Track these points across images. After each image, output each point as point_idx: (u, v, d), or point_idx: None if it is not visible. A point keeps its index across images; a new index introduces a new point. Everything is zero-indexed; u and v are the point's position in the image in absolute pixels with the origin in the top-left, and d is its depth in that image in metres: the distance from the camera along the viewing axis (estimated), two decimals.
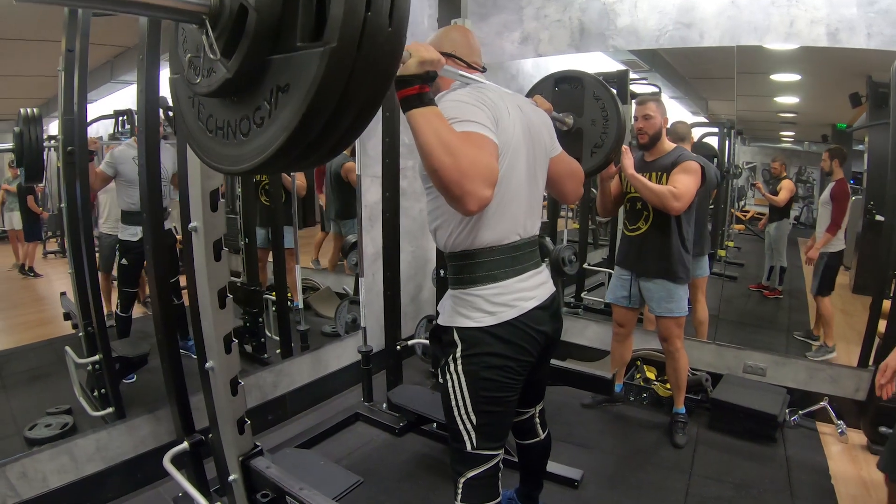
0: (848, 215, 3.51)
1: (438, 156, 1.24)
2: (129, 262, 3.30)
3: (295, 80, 0.79)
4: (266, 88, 0.84)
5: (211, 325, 1.70)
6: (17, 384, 3.07)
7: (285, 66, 0.81)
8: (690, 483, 2.63)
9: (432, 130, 1.24)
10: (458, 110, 1.40)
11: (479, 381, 1.55)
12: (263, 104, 0.85)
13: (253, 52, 0.81)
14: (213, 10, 0.82)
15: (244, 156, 0.90)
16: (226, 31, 0.83)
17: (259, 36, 0.80)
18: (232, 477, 1.86)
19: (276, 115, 0.83)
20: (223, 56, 0.84)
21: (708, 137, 4.15)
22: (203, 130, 1.00)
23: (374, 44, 0.78)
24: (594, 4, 3.66)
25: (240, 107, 0.90)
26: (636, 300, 3.07)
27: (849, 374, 3.17)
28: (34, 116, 2.71)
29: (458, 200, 1.27)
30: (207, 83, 0.89)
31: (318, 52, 0.76)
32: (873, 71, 3.20)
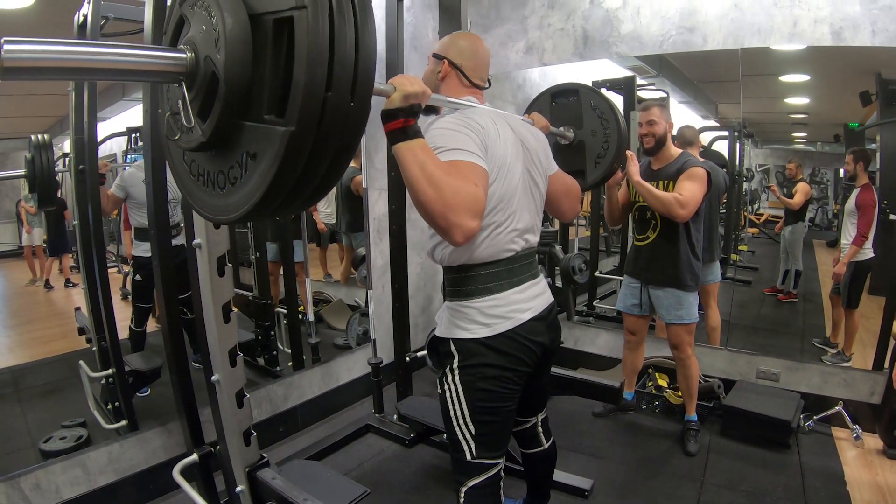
0: (875, 224, 3.37)
1: (423, 189, 1.25)
2: (142, 277, 3.34)
3: (262, 151, 0.84)
4: (238, 151, 0.89)
5: (216, 340, 1.73)
6: (32, 398, 3.09)
7: (254, 135, 0.85)
8: (702, 492, 2.59)
9: (417, 164, 1.26)
10: (445, 138, 1.42)
11: (475, 391, 1.57)
12: (236, 165, 0.90)
13: (224, 118, 0.86)
14: (190, 70, 0.87)
15: (220, 208, 0.96)
16: (201, 93, 0.87)
17: (229, 104, 0.84)
18: (239, 488, 1.89)
19: (246, 179, 0.88)
20: (199, 118, 0.88)
21: (718, 141, 4.12)
22: (187, 172, 1.04)
23: (334, 121, 0.82)
24: (597, 12, 3.67)
25: (217, 161, 0.94)
26: (646, 308, 3.05)
27: (863, 377, 3.11)
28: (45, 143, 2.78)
29: (444, 232, 1.29)
30: (187, 140, 0.93)
31: (279, 131, 0.80)
32: (882, 68, 3.16)
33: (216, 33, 0.84)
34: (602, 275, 4.60)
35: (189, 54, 0.88)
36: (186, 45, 0.90)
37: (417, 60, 3.74)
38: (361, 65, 0.83)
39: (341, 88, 0.81)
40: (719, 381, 3.31)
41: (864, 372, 3.13)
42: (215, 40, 0.85)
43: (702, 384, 3.17)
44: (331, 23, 0.80)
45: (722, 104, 4.20)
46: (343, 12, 0.81)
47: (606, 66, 3.87)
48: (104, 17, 2.42)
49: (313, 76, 0.78)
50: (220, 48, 0.83)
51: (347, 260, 4.55)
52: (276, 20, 0.82)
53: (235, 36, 0.83)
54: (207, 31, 0.87)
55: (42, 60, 0.76)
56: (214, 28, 0.85)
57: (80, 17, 2.45)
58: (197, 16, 0.90)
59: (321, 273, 4.68)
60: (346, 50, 0.81)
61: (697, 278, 2.89)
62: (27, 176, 2.87)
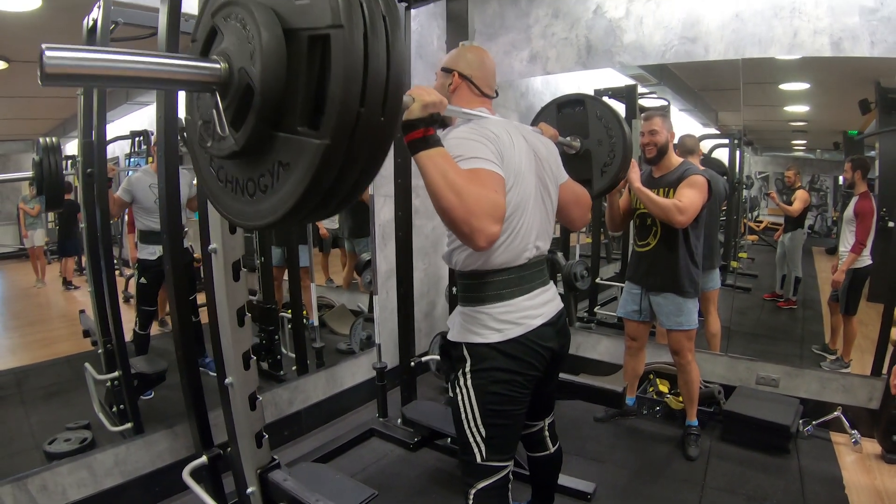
0: (874, 232, 3.43)
1: (445, 196, 1.29)
2: (147, 280, 3.36)
3: (295, 161, 0.87)
4: (270, 160, 0.91)
5: (230, 343, 1.76)
6: (35, 400, 3.11)
7: (287, 146, 0.88)
8: (703, 495, 2.62)
9: (439, 172, 1.29)
10: (463, 147, 1.46)
11: (487, 394, 1.60)
12: (267, 174, 0.93)
13: (258, 129, 0.88)
14: (224, 80, 0.90)
15: (249, 213, 0.98)
16: (234, 102, 0.89)
17: (264, 115, 0.87)
18: (250, 490, 1.91)
19: (278, 187, 0.91)
20: (232, 127, 0.91)
21: (718, 149, 4.17)
22: (214, 178, 1.07)
23: (366, 136, 0.85)
24: (600, 22, 3.72)
25: (247, 168, 0.97)
26: (647, 314, 3.09)
27: (862, 383, 3.15)
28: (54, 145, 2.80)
29: (467, 237, 1.33)
30: (218, 147, 0.96)
31: (314, 144, 0.83)
32: (881, 77, 3.21)
33: (252, 46, 0.87)
34: (603, 281, 4.64)
35: (223, 65, 0.91)
36: (220, 56, 0.93)
37: (423, 69, 3.78)
38: (392, 81, 0.86)
39: (373, 104, 0.84)
40: (719, 387, 3.34)
41: (863, 378, 3.17)
42: (251, 53, 0.87)
43: (702, 390, 3.21)
44: (365, 41, 0.83)
45: (722, 112, 4.25)
46: (376, 31, 0.84)
47: (608, 74, 3.92)
48: (114, 22, 2.44)
49: (349, 92, 0.81)
50: (256, 61, 0.86)
51: (350, 265, 4.57)
52: (311, 36, 0.85)
53: (271, 50, 0.85)
54: (242, 44, 0.90)
55: (82, 68, 0.78)
56: (249, 41, 0.88)
57: (90, 21, 2.47)
58: (230, 28, 0.93)
59: (323, 278, 4.70)
60: (378, 67, 0.84)
61: (696, 285, 2.93)
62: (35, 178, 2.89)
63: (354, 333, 3.88)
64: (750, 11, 3.22)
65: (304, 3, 0.86)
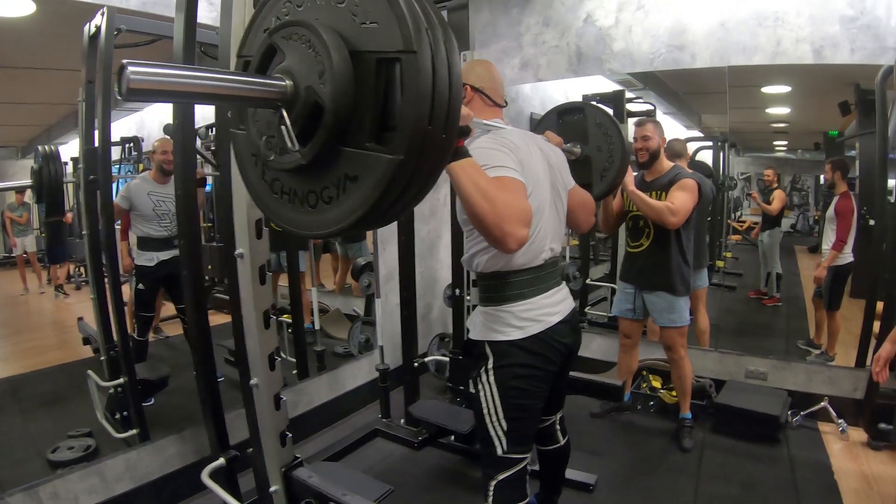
0: (854, 230, 3.57)
1: (479, 203, 1.37)
2: (145, 286, 3.36)
3: (363, 175, 0.93)
4: (335, 174, 0.97)
5: (256, 344, 1.81)
6: (33, 408, 3.09)
7: (355, 160, 0.94)
8: (699, 484, 2.75)
9: (471, 181, 1.37)
10: (487, 157, 1.54)
11: (509, 389, 1.69)
12: (331, 187, 0.99)
13: (327, 144, 0.94)
14: (289, 97, 0.95)
15: (309, 223, 1.04)
16: (301, 118, 0.95)
17: (333, 131, 0.93)
18: (273, 488, 1.95)
19: (343, 199, 0.97)
20: (299, 143, 0.96)
21: (702, 151, 4.31)
22: (267, 189, 1.12)
23: (431, 151, 0.91)
24: (590, 30, 3.83)
25: (309, 181, 1.02)
26: (640, 312, 3.20)
27: (847, 374, 3.30)
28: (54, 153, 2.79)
29: (499, 241, 1.41)
30: (280, 161, 1.01)
31: (386, 159, 0.90)
32: (861, 79, 3.36)
33: (321, 66, 0.93)
34: (593, 282, 4.75)
35: (289, 83, 0.97)
36: (284, 73, 0.98)
37: None
38: (452, 101, 0.93)
39: (438, 123, 0.91)
40: (710, 381, 3.47)
41: (848, 369, 3.32)
42: (319, 73, 0.93)
43: (694, 384, 3.32)
44: (433, 64, 0.89)
45: (705, 115, 4.40)
46: (439, 55, 0.90)
47: (595, 79, 4.03)
48: (117, 29, 2.45)
49: (420, 113, 0.88)
50: (327, 81, 0.92)
51: (342, 270, 4.60)
52: (378, 59, 0.92)
53: (342, 70, 0.91)
54: (309, 64, 0.95)
55: (163, 84, 0.82)
56: (318, 62, 0.94)
57: (92, 27, 2.48)
58: (293, 48, 0.99)
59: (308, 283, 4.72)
60: (442, 89, 0.91)
61: (688, 283, 3.05)
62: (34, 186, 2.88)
63: (353, 337, 3.93)
64: (735, 21, 3.36)
65: (370, 27, 0.93)
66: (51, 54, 2.83)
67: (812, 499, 2.61)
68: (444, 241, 4.37)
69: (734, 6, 3.37)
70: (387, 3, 0.90)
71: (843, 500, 2.59)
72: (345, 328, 4.05)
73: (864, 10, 3.06)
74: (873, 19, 3.04)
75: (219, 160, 1.81)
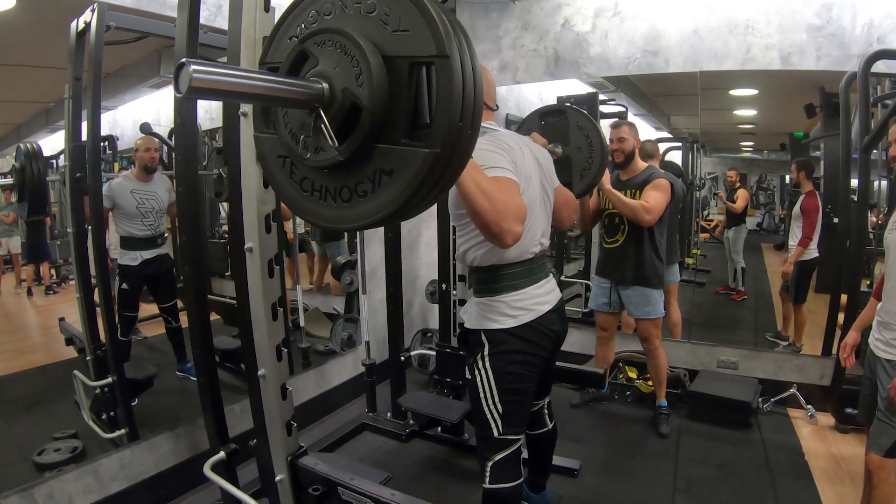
0: (819, 227, 3.76)
1: (479, 201, 1.46)
2: (129, 286, 3.33)
3: (399, 169, 1.01)
4: (370, 169, 1.05)
5: (265, 336, 1.86)
6: (16, 411, 3.04)
7: (390, 155, 1.02)
8: (678, 467, 2.89)
9: (472, 180, 1.46)
10: (484, 158, 1.63)
11: (504, 374, 1.80)
12: (366, 181, 1.06)
13: (365, 142, 1.02)
14: (325, 100, 1.03)
15: (341, 217, 1.12)
16: (337, 119, 1.03)
17: (371, 130, 1.01)
18: (279, 477, 2.00)
19: (379, 192, 1.05)
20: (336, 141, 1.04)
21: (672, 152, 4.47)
22: (296, 188, 1.19)
23: (460, 145, 1.00)
24: (568, 35, 3.97)
25: (342, 178, 1.10)
26: (616, 306, 3.34)
27: (814, 362, 3.50)
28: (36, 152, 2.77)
29: (496, 237, 1.51)
30: (316, 159, 1.08)
31: (423, 153, 0.98)
32: (826, 83, 3.55)
33: (357, 70, 1.01)
34: (567, 279, 4.87)
35: (325, 86, 1.04)
36: (319, 77, 1.06)
37: None
38: (476, 101, 1.02)
39: (466, 120, 1.00)
40: (685, 371, 3.64)
41: (815, 358, 3.51)
42: (356, 76, 1.01)
43: (669, 374, 3.47)
44: (462, 68, 0.98)
45: (674, 116, 4.56)
46: (464, 59, 0.99)
47: (569, 81, 4.16)
48: (106, 26, 2.46)
49: (454, 111, 0.97)
50: (364, 83, 1.00)
51: (320, 269, 4.62)
52: (412, 63, 1.00)
53: (379, 74, 1.00)
54: (344, 68, 1.03)
55: (221, 84, 0.89)
56: (353, 66, 1.02)
57: (80, 23, 2.48)
58: (326, 53, 1.06)
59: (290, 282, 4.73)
60: (469, 90, 1.00)
61: (661, 277, 3.20)
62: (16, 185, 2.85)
63: (335, 334, 3.97)
64: (707, 28, 3.54)
65: (402, 34, 1.01)
66: (23, 51, 2.79)
67: (785, 478, 2.77)
68: (425, 239, 4.45)
69: (707, 14, 3.55)
70: (419, 12, 0.99)
71: (815, 479, 2.76)
72: (324, 326, 4.08)
73: (831, 20, 3.25)
74: (839, 28, 3.24)
75: (226, 158, 1.85)
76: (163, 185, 3.31)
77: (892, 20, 3.15)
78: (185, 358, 3.45)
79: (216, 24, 2.76)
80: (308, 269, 4.72)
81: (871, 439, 2.07)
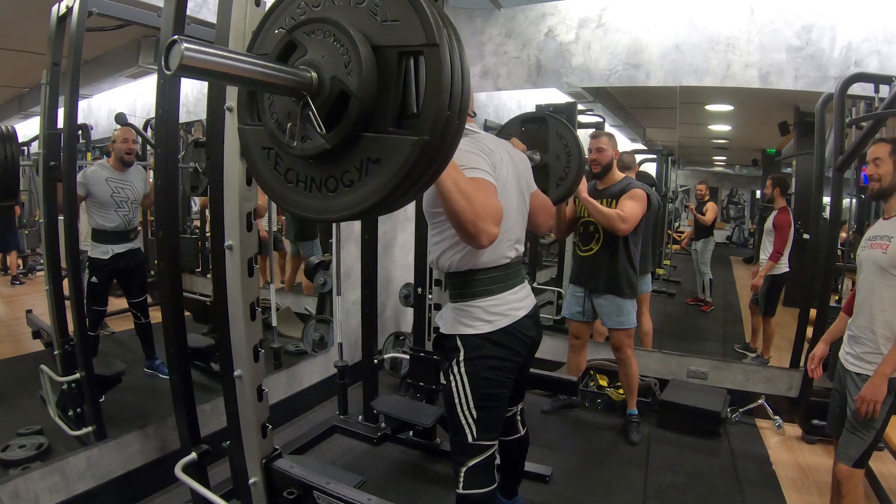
0: (790, 242, 3.84)
1: (457, 201, 1.46)
2: (98, 279, 3.26)
3: (386, 157, 1.02)
4: (357, 158, 1.05)
5: (242, 336, 1.83)
6: None
7: (377, 144, 1.02)
8: (648, 474, 2.92)
9: (451, 180, 1.46)
10: (464, 159, 1.63)
11: (479, 380, 1.78)
12: (353, 170, 1.06)
13: (352, 131, 1.02)
14: (314, 88, 1.02)
15: (331, 207, 1.11)
16: (325, 107, 1.02)
17: (359, 118, 1.01)
18: (252, 480, 1.96)
19: (366, 181, 1.04)
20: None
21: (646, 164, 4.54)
22: (280, 179, 1.18)
23: (448, 134, 1.01)
24: (551, 44, 4.01)
25: (327, 168, 1.09)
26: (590, 315, 3.36)
27: (782, 374, 3.57)
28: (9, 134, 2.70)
29: (472, 237, 1.51)
30: (303, 148, 1.08)
31: (411, 140, 0.99)
32: (800, 102, 3.64)
33: (346, 58, 1.01)
34: (539, 286, 4.91)
35: (313, 74, 1.04)
36: (307, 65, 1.05)
37: None
38: (464, 91, 1.03)
39: (454, 109, 1.00)
40: (655, 380, 3.68)
41: (783, 370, 3.58)
42: (345, 64, 1.01)
43: (640, 383, 3.51)
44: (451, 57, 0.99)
45: (650, 128, 4.64)
46: (453, 48, 1.00)
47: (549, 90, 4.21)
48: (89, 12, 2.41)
49: (443, 99, 0.97)
50: (353, 72, 1.00)
51: (292, 268, 4.57)
52: (400, 52, 1.00)
53: (368, 63, 1.00)
54: (333, 57, 1.03)
55: (212, 64, 0.88)
56: (342, 55, 1.02)
57: (62, 7, 2.42)
58: (315, 42, 1.06)
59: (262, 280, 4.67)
60: (457, 79, 1.01)
61: (635, 287, 3.24)
62: None
63: (307, 335, 3.93)
64: (689, 44, 3.61)
65: (391, 24, 1.01)
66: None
67: (753, 486, 2.82)
68: (399, 241, 4.45)
69: (689, 30, 3.62)
70: (408, 2, 1.00)
71: (782, 488, 2.82)
72: (296, 327, 4.04)
73: (810, 41, 3.35)
74: (817, 50, 3.34)
75: (209, 153, 1.82)
76: (139, 175, 3.26)
77: (870, 44, 3.26)
78: (154, 354, 3.39)
79: (201, 15, 2.72)
80: (280, 267, 4.66)
81: (841, 450, 2.13)
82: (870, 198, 2.80)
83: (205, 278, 3.91)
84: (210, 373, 3.37)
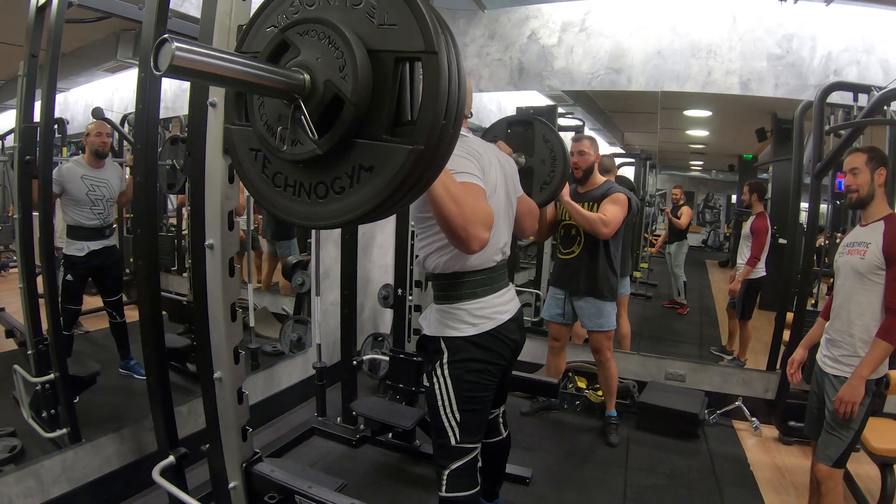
0: (768, 248, 3.90)
1: (447, 205, 1.46)
2: (74, 277, 3.19)
3: (380, 165, 0.99)
4: (349, 165, 1.03)
5: (222, 337, 1.80)
6: None
7: (370, 151, 1.00)
8: (627, 475, 2.95)
9: (441, 183, 1.45)
10: (455, 163, 1.62)
11: (462, 383, 1.78)
12: (344, 176, 1.04)
13: (345, 137, 1.00)
14: (307, 91, 1.00)
15: (320, 214, 1.08)
16: (317, 112, 1.00)
17: (352, 124, 0.99)
18: (232, 484, 1.92)
19: (358, 188, 1.02)
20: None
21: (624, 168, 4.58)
22: (267, 182, 1.15)
23: (443, 143, 1.00)
24: (533, 47, 4.03)
25: (318, 173, 1.07)
26: (570, 317, 3.38)
27: (758, 376, 3.63)
28: None
29: (463, 242, 1.51)
30: (293, 152, 1.05)
31: (406, 149, 0.97)
32: (778, 109, 3.70)
33: (341, 62, 0.99)
34: (517, 288, 4.90)
35: (306, 76, 1.02)
36: (300, 67, 1.03)
37: None
38: (460, 99, 1.02)
39: (450, 118, 0.99)
40: (633, 382, 3.72)
41: (759, 372, 3.65)
42: (340, 67, 0.99)
43: (619, 384, 3.53)
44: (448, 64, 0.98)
45: (628, 132, 4.68)
46: (451, 56, 0.99)
47: (529, 92, 4.23)
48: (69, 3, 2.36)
49: (439, 108, 0.96)
50: (348, 76, 0.98)
51: (269, 267, 4.52)
52: (397, 58, 0.99)
53: (364, 67, 0.98)
54: (328, 60, 1.00)
55: (203, 65, 0.85)
56: (337, 58, 1.00)
57: None
58: (308, 44, 1.03)
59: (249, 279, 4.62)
60: (454, 87, 0.99)
61: (615, 290, 3.26)
62: None
63: (285, 335, 3.89)
64: (671, 50, 3.65)
65: (388, 29, 0.99)
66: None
67: (732, 487, 2.87)
68: (378, 242, 4.43)
69: (672, 36, 3.67)
70: (407, 7, 0.98)
71: (760, 488, 2.87)
72: (273, 327, 3.99)
73: (791, 50, 3.42)
74: (798, 59, 3.41)
75: (190, 150, 1.79)
76: (115, 172, 3.20)
77: (850, 54, 3.33)
78: (129, 354, 3.33)
79: (183, 9, 2.68)
80: (256, 267, 4.61)
81: (820, 450, 2.17)
82: (848, 207, 2.85)
83: (181, 277, 3.85)
84: (186, 373, 3.33)
